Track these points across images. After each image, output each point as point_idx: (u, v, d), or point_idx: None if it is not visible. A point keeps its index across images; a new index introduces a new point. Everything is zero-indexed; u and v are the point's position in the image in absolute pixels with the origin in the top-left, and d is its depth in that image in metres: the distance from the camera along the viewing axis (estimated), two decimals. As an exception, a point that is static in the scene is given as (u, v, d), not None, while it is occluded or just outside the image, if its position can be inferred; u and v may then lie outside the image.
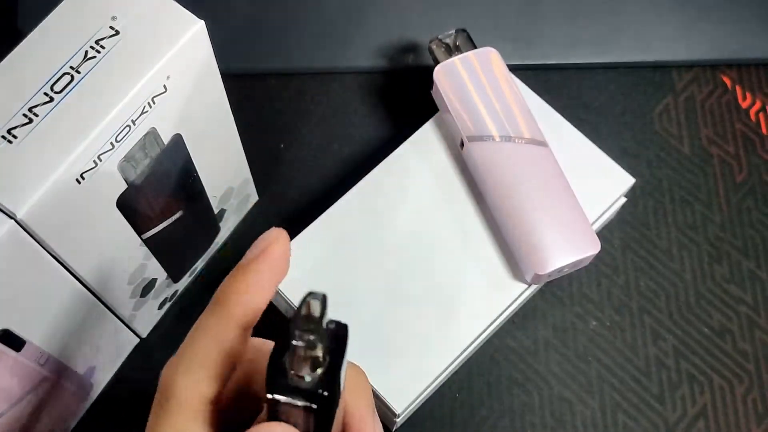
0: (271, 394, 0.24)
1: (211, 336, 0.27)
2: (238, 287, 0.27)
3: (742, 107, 0.50)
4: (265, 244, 0.27)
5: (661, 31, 0.51)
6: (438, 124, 0.45)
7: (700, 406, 0.44)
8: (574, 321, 0.45)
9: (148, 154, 0.34)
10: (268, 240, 0.27)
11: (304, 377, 0.24)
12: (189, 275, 0.45)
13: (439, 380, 0.41)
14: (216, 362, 0.26)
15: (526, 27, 0.51)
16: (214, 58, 0.35)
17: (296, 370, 0.24)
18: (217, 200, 0.43)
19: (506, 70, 0.44)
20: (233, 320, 0.27)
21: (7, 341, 0.33)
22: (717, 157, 0.49)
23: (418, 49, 0.50)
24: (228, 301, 0.27)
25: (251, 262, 0.27)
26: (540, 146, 0.42)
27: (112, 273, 0.37)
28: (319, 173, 0.48)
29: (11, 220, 0.29)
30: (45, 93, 0.30)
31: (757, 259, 0.47)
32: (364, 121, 0.50)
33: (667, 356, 0.45)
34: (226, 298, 0.27)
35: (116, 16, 0.32)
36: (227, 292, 0.27)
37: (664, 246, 0.47)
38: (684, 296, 0.46)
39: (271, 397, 0.24)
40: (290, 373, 0.24)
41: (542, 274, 0.40)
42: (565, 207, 0.41)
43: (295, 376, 0.24)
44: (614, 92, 0.51)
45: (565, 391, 0.44)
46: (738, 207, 0.48)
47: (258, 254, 0.27)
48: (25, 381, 0.36)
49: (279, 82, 0.50)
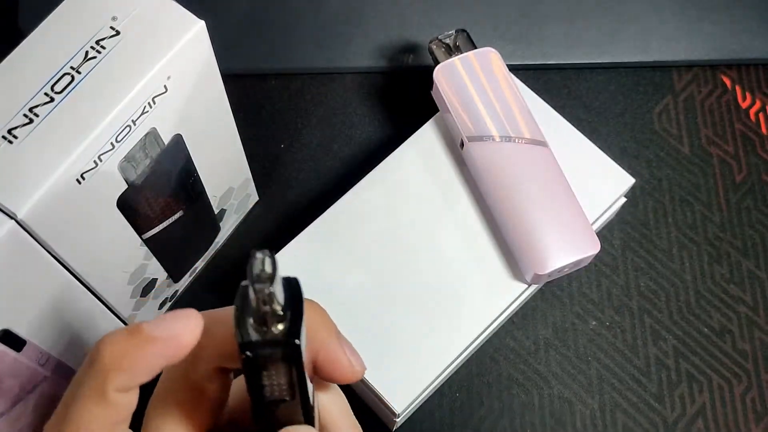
0: (246, 353, 0.24)
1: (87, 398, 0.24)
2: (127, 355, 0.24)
3: (742, 107, 0.50)
4: (178, 330, 0.24)
5: (660, 31, 0.51)
6: (438, 124, 0.45)
7: (699, 405, 0.44)
8: (574, 321, 0.45)
9: (148, 154, 0.34)
10: (183, 330, 0.24)
11: (271, 331, 0.24)
12: (189, 275, 0.45)
13: (439, 380, 0.41)
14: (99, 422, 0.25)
15: (526, 27, 0.51)
16: (215, 58, 0.35)
17: (261, 327, 0.24)
18: (217, 200, 0.43)
19: (506, 70, 0.44)
20: (111, 388, 0.24)
21: (7, 341, 0.33)
22: (717, 157, 0.49)
23: (417, 50, 0.50)
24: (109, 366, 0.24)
25: (154, 341, 0.24)
26: (540, 146, 0.42)
27: (112, 273, 0.37)
28: (319, 173, 0.48)
29: (11, 221, 0.29)
30: (45, 93, 0.30)
31: (756, 259, 0.47)
32: (364, 121, 0.50)
33: (666, 356, 0.45)
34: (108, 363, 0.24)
35: (117, 17, 0.32)
36: (110, 355, 0.24)
37: (664, 246, 0.47)
38: (684, 296, 0.46)
39: (247, 355, 0.24)
40: (257, 330, 0.24)
41: (542, 274, 0.40)
42: (565, 207, 0.41)
43: (262, 332, 0.24)
44: (614, 92, 0.51)
45: (565, 390, 0.44)
46: (738, 207, 0.48)
47: (166, 338, 0.24)
48: (26, 381, 0.36)
49: (279, 82, 0.50)
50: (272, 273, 0.23)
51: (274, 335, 0.24)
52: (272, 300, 0.23)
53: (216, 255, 0.46)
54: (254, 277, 0.23)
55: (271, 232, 0.47)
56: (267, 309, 0.23)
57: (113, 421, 0.25)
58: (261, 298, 0.23)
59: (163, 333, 0.24)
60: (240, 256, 0.46)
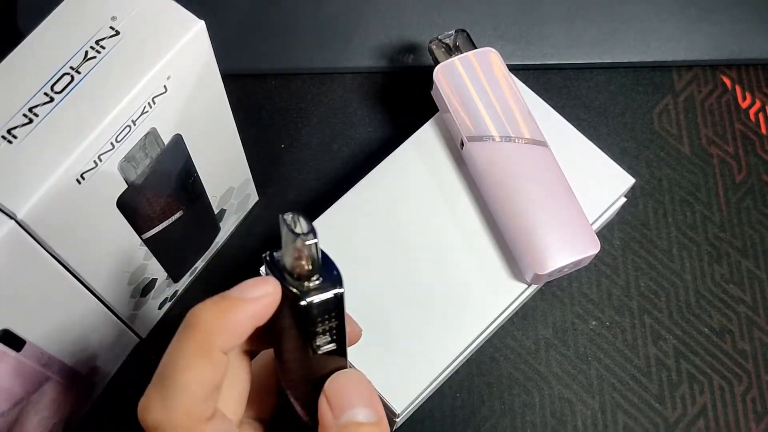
0: (306, 301, 0.26)
1: (193, 361, 0.25)
2: (225, 317, 0.26)
3: (742, 107, 0.50)
4: (264, 291, 0.27)
5: (660, 31, 0.51)
6: (438, 124, 0.45)
7: (699, 405, 0.44)
8: (574, 321, 0.45)
9: (148, 154, 0.34)
10: (268, 291, 0.27)
11: (312, 283, 0.27)
12: (189, 275, 0.45)
13: (439, 380, 0.41)
14: (205, 384, 0.26)
15: (526, 27, 0.51)
16: (215, 59, 0.35)
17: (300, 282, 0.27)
18: (217, 200, 0.43)
19: (506, 71, 0.44)
20: (216, 347, 0.26)
21: (7, 341, 0.33)
22: (716, 157, 0.49)
23: (417, 49, 0.50)
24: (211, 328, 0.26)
25: (246, 302, 0.26)
26: (540, 146, 0.42)
27: (112, 273, 0.37)
28: (319, 173, 0.48)
29: (11, 221, 0.29)
30: (45, 93, 0.30)
31: (756, 259, 0.47)
32: (364, 121, 0.50)
33: (667, 356, 0.45)
34: (210, 325, 0.26)
35: (116, 17, 0.32)
36: (211, 319, 0.26)
37: (664, 246, 0.47)
38: (684, 296, 0.46)
39: (306, 303, 0.26)
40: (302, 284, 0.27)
41: (542, 274, 0.40)
42: (565, 207, 0.41)
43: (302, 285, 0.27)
44: (614, 92, 0.51)
45: (566, 391, 0.44)
46: (737, 207, 0.48)
47: (255, 299, 0.26)
48: (26, 381, 0.36)
49: (279, 82, 0.50)
50: (313, 228, 0.26)
51: (319, 285, 0.27)
52: (317, 252, 0.26)
53: (216, 255, 0.46)
54: (303, 233, 0.25)
55: (271, 232, 0.47)
56: (310, 261, 0.26)
57: (216, 382, 0.26)
58: (307, 252, 0.26)
59: (251, 294, 0.26)
60: (240, 256, 0.46)
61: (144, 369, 0.43)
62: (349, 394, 0.28)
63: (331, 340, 0.28)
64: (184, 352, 0.26)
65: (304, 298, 0.27)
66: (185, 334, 0.26)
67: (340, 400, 0.28)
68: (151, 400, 0.26)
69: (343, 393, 0.28)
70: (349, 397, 0.28)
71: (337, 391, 0.28)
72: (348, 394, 0.28)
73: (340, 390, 0.28)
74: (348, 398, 0.28)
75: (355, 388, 0.29)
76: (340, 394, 0.28)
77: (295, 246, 0.26)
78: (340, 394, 0.28)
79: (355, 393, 0.28)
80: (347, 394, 0.28)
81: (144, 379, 0.28)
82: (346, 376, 0.29)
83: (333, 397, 0.28)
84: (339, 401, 0.28)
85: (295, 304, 0.27)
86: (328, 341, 0.28)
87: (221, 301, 0.26)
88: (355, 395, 0.28)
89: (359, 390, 0.29)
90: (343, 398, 0.28)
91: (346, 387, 0.28)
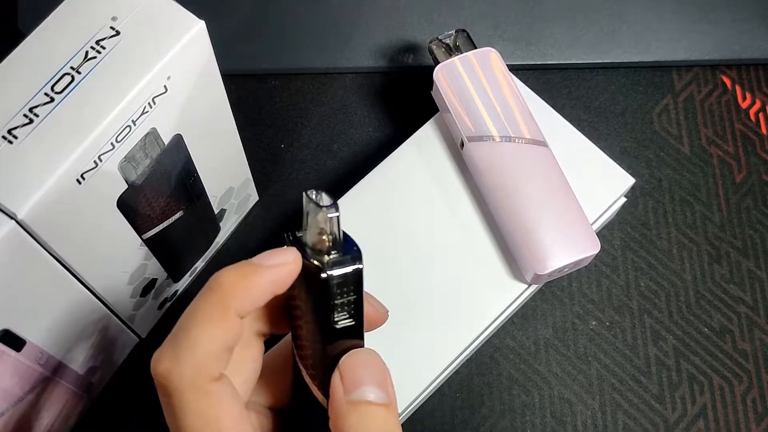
0: (326, 273, 0.27)
1: (208, 319, 0.26)
2: (245, 281, 0.27)
3: (742, 107, 0.50)
4: (284, 259, 0.27)
5: (660, 31, 0.51)
6: (438, 124, 0.45)
7: (699, 405, 0.44)
8: (574, 321, 0.45)
9: (148, 154, 0.34)
10: (288, 259, 0.27)
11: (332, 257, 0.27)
12: (189, 275, 0.45)
13: (439, 380, 0.41)
14: (217, 343, 0.26)
15: (526, 27, 0.51)
16: (215, 59, 0.35)
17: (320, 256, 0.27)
18: (217, 200, 0.43)
19: (506, 70, 0.44)
20: (232, 308, 0.27)
21: (7, 341, 0.33)
22: (716, 157, 0.49)
23: (417, 50, 0.50)
24: (230, 290, 0.27)
25: (267, 268, 0.27)
26: (540, 146, 0.42)
27: (112, 273, 0.37)
28: (319, 173, 0.48)
29: (12, 221, 0.29)
30: (45, 93, 0.30)
31: (756, 259, 0.47)
32: (364, 121, 0.50)
33: (667, 356, 0.45)
34: (229, 287, 0.27)
35: (117, 17, 0.32)
36: (231, 281, 0.27)
37: (664, 246, 0.47)
38: (684, 296, 0.46)
39: (327, 275, 0.27)
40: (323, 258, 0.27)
41: (542, 274, 0.40)
42: (565, 207, 0.41)
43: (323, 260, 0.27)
44: (614, 92, 0.51)
45: (566, 391, 0.44)
46: (737, 207, 0.48)
47: (275, 265, 0.27)
48: (26, 381, 0.36)
49: (279, 82, 0.50)
50: (335, 202, 0.26)
51: (339, 259, 0.27)
52: (338, 226, 0.27)
53: (216, 255, 0.46)
54: (326, 205, 0.26)
55: (271, 232, 0.47)
56: (332, 235, 0.27)
57: (230, 343, 0.27)
58: (329, 226, 0.27)
59: (272, 262, 0.27)
60: (240, 256, 0.46)
61: (144, 369, 0.43)
62: (363, 372, 0.28)
63: (349, 316, 0.28)
64: (201, 309, 0.26)
65: (324, 270, 0.27)
66: (205, 295, 0.27)
67: (353, 377, 0.28)
68: (163, 353, 0.26)
69: (356, 370, 0.28)
70: (362, 375, 0.28)
71: (351, 368, 0.28)
72: (361, 372, 0.28)
73: (353, 366, 0.28)
74: (361, 376, 0.28)
75: (369, 367, 0.29)
76: (354, 371, 0.28)
77: (317, 219, 0.27)
78: (353, 371, 0.28)
79: (368, 372, 0.28)
80: (360, 372, 0.28)
81: (144, 379, 0.28)
82: (362, 353, 0.29)
83: (346, 373, 0.28)
84: (352, 378, 0.28)
85: (315, 276, 0.27)
86: (345, 317, 0.28)
87: (242, 267, 0.27)
88: (369, 374, 0.28)
89: (373, 369, 0.29)
90: (356, 375, 0.28)
91: (360, 364, 0.29)
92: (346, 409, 0.28)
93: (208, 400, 0.26)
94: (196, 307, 0.27)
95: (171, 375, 0.26)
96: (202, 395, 0.26)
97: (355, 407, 0.28)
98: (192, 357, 0.26)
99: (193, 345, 0.26)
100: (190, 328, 0.26)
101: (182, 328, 0.27)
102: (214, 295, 0.26)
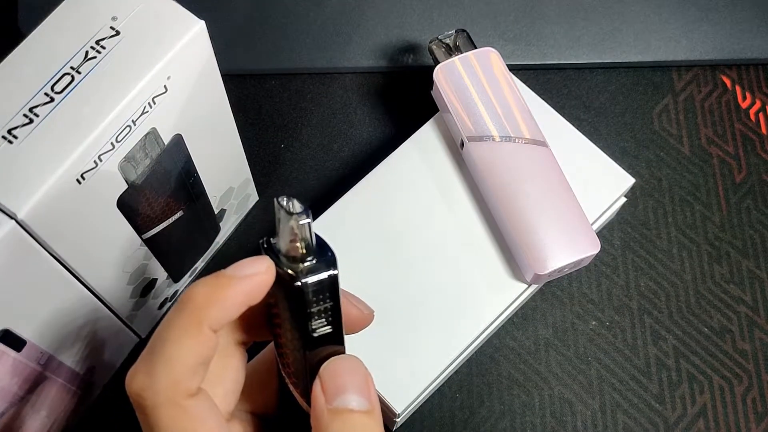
0: (300, 282, 0.27)
1: (181, 335, 0.26)
2: (217, 294, 0.26)
3: (742, 107, 0.50)
4: (257, 269, 0.27)
5: (660, 31, 0.51)
6: (438, 124, 0.45)
7: (699, 405, 0.44)
8: (574, 321, 0.45)
9: (148, 154, 0.34)
10: (261, 269, 0.27)
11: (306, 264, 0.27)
12: (189, 275, 0.45)
13: (439, 380, 0.41)
14: (192, 358, 0.26)
15: (526, 27, 0.51)
16: (215, 59, 0.35)
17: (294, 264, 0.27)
18: (217, 200, 0.43)
19: (506, 70, 0.44)
20: (205, 322, 0.26)
21: (7, 341, 0.33)
22: (716, 157, 0.49)
23: (417, 49, 0.50)
24: (203, 304, 0.26)
25: (239, 279, 0.27)
26: (540, 146, 0.42)
27: (112, 273, 0.37)
28: (319, 173, 0.48)
29: (12, 221, 0.29)
30: (45, 93, 0.30)
31: (756, 258, 0.47)
32: (364, 121, 0.50)
33: (667, 356, 0.45)
34: (201, 301, 0.26)
35: (117, 17, 0.32)
36: (203, 295, 0.26)
37: (664, 246, 0.47)
38: (684, 296, 0.46)
39: (301, 283, 0.27)
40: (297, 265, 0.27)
41: (542, 274, 0.40)
42: (565, 207, 0.41)
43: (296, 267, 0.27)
44: (614, 92, 0.51)
45: (566, 391, 0.44)
46: (737, 207, 0.48)
47: (248, 276, 0.27)
48: (25, 381, 0.36)
49: (279, 82, 0.50)
50: (306, 209, 0.26)
51: (313, 266, 0.27)
52: (310, 233, 0.27)
53: (216, 255, 0.46)
54: (297, 212, 0.26)
55: (271, 232, 0.47)
56: (304, 242, 0.27)
57: (204, 357, 0.26)
58: (301, 233, 0.27)
59: (245, 272, 0.27)
60: (240, 256, 0.46)
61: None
62: (343, 380, 0.28)
63: (327, 323, 0.28)
64: (174, 325, 0.26)
65: (299, 278, 0.27)
66: (177, 310, 0.26)
67: (334, 385, 0.28)
68: (138, 369, 0.26)
69: (337, 377, 0.28)
70: (343, 383, 0.28)
71: (332, 375, 0.28)
72: (342, 379, 0.28)
73: (334, 374, 0.28)
74: (342, 383, 0.28)
75: (349, 373, 0.28)
76: (334, 379, 0.28)
77: (289, 226, 0.27)
78: (333, 379, 0.28)
79: (349, 379, 0.28)
80: (341, 379, 0.28)
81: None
82: (342, 360, 0.29)
83: (327, 381, 0.28)
84: (332, 385, 0.28)
85: (290, 285, 0.27)
86: (323, 324, 0.28)
87: (214, 279, 0.27)
88: (350, 381, 0.28)
89: (354, 376, 0.28)
90: (337, 383, 0.28)
91: (341, 372, 0.28)
92: (328, 417, 0.27)
93: (184, 416, 0.26)
94: (169, 323, 0.26)
95: (146, 392, 0.26)
96: (178, 412, 0.26)
97: (337, 415, 0.27)
98: (167, 373, 0.26)
99: (167, 361, 0.26)
100: (164, 344, 0.26)
101: (156, 344, 0.26)
102: (186, 310, 0.26)
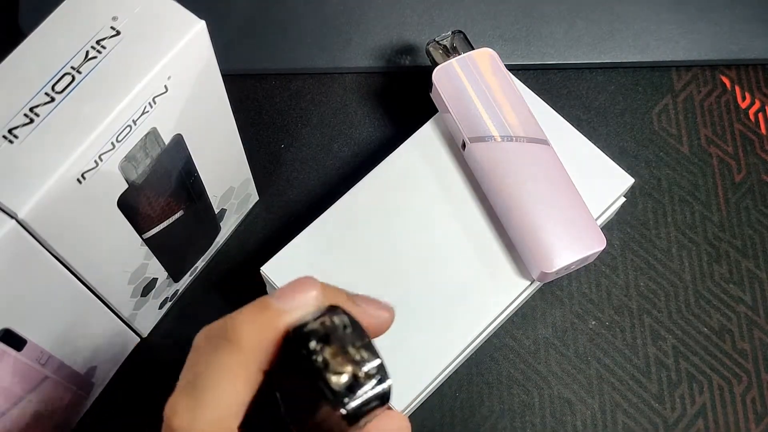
0: (346, 409, 0.23)
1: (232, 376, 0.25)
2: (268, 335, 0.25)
3: (741, 107, 0.51)
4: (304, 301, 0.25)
5: (660, 31, 0.51)
6: (438, 123, 0.45)
7: (699, 405, 0.44)
8: (574, 321, 0.45)
9: (148, 154, 0.34)
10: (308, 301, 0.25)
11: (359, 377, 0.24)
12: (189, 275, 0.45)
13: (439, 380, 0.41)
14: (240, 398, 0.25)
15: (526, 27, 0.51)
16: (215, 58, 0.35)
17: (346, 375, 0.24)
18: (217, 200, 0.43)
19: (504, 71, 0.44)
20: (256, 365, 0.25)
21: (8, 341, 0.33)
22: (716, 156, 0.49)
23: (417, 49, 0.50)
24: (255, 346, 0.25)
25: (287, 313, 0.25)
26: (542, 144, 0.42)
27: (112, 273, 0.37)
28: (319, 173, 0.48)
29: (12, 220, 0.29)
30: (46, 93, 0.30)
31: (756, 258, 0.47)
32: (364, 121, 0.50)
33: (666, 356, 0.45)
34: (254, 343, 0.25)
35: (117, 17, 0.32)
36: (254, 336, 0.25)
37: (664, 246, 0.47)
38: (683, 296, 0.46)
39: (346, 412, 0.23)
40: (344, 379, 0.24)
41: (549, 272, 0.40)
42: (569, 204, 0.41)
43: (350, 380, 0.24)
44: (614, 92, 0.51)
45: (565, 390, 0.44)
46: (737, 207, 0.48)
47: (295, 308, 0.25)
48: (26, 380, 0.36)
49: (279, 82, 0.50)
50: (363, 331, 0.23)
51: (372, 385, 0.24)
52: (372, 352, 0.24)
53: (216, 255, 0.46)
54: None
55: (271, 232, 0.47)
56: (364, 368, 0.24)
57: (249, 398, 0.25)
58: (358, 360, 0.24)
59: (292, 305, 0.25)
60: (240, 255, 0.46)
61: (144, 369, 0.43)
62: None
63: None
64: (223, 367, 0.25)
65: (343, 406, 0.23)
66: (224, 348, 0.25)
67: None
68: (181, 405, 0.25)
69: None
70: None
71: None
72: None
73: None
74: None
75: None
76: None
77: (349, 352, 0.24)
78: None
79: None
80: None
81: (145, 378, 0.28)
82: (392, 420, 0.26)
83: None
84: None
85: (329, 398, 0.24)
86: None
87: (262, 315, 0.25)
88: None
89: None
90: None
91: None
92: None
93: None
94: (216, 361, 0.25)
95: (186, 430, 0.24)
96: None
97: None
98: (213, 414, 0.24)
99: (215, 404, 0.24)
100: (213, 384, 0.25)
101: (201, 382, 0.25)
102: (236, 351, 0.25)
